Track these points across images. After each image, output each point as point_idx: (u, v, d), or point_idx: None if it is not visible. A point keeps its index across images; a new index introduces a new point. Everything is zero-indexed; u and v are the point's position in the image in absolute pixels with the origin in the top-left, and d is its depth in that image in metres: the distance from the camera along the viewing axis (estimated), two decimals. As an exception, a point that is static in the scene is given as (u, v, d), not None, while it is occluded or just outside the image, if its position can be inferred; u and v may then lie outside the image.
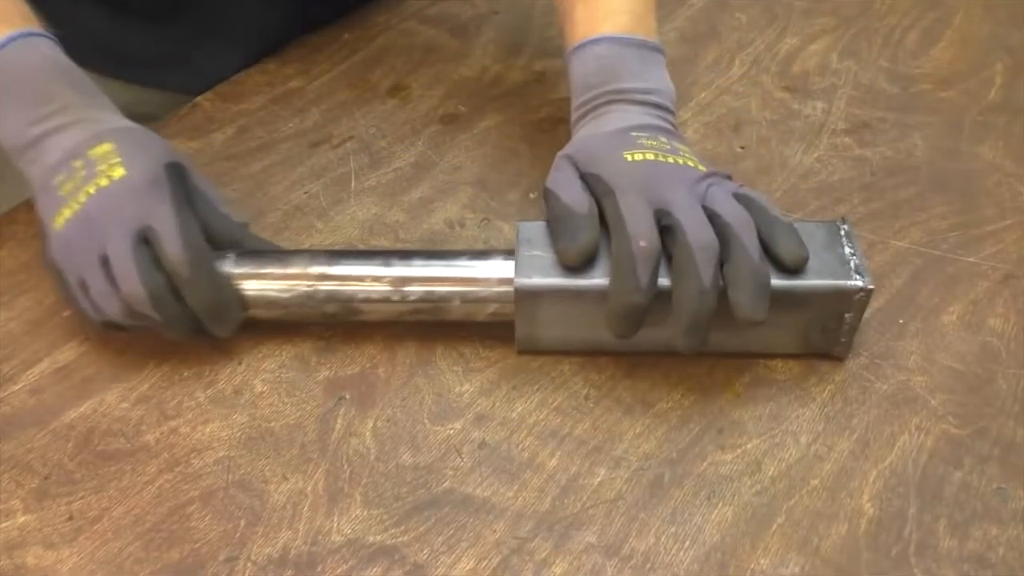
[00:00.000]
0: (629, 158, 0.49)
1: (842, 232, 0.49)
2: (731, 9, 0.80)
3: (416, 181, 0.63)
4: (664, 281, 0.46)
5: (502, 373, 0.51)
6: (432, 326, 0.52)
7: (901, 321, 0.53)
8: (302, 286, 0.50)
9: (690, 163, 0.50)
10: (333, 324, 0.53)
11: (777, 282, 0.46)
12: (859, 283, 0.47)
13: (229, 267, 0.50)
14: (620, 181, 0.48)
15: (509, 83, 0.72)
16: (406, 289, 0.50)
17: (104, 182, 0.48)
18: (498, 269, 0.49)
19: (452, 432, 0.48)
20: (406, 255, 0.51)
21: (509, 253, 0.50)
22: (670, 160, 0.49)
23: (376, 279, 0.49)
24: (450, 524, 0.44)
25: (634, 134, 0.51)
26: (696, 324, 0.45)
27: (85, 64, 0.54)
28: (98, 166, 0.49)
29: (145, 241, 0.48)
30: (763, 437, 0.47)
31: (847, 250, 0.48)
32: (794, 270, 0.47)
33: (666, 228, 0.46)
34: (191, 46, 0.73)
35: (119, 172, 0.49)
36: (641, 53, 0.56)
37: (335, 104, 0.70)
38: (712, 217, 0.46)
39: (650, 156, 0.49)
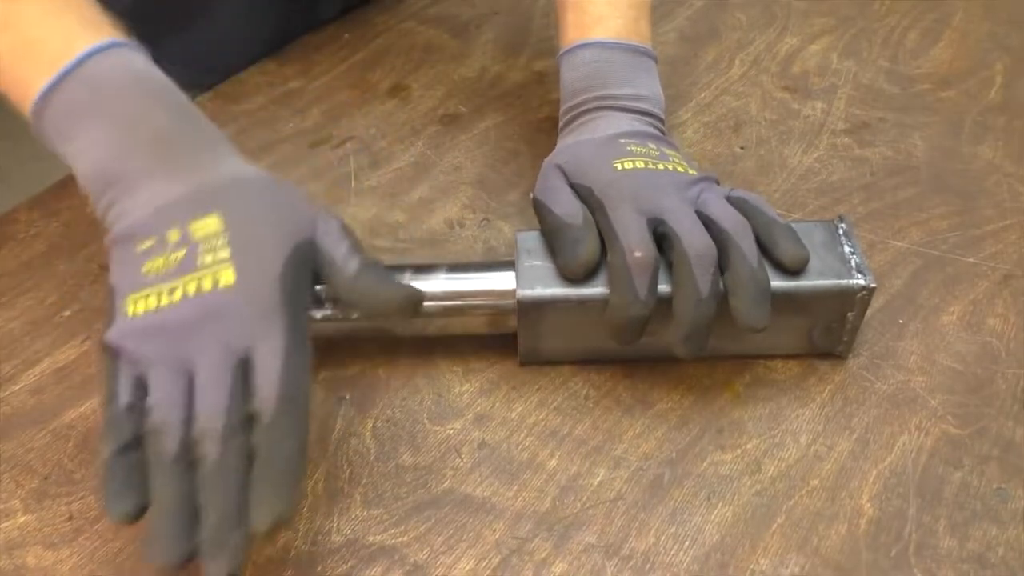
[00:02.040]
0: (619, 167, 0.49)
1: (840, 231, 0.49)
2: (731, 9, 0.80)
3: (416, 181, 0.63)
4: (665, 288, 0.46)
5: (502, 373, 0.51)
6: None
7: (901, 321, 0.53)
8: None
9: (680, 168, 0.49)
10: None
11: (779, 284, 0.46)
12: (861, 282, 0.47)
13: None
14: (610, 192, 0.48)
15: (509, 83, 0.72)
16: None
17: (207, 285, 0.39)
18: (499, 281, 0.48)
19: (452, 432, 0.48)
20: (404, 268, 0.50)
21: (508, 264, 0.49)
22: (660, 167, 0.49)
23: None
24: (450, 524, 0.44)
25: (623, 141, 0.51)
26: (695, 332, 0.44)
27: None
28: (201, 255, 0.40)
29: (242, 364, 0.38)
30: (763, 437, 0.47)
31: (847, 249, 0.48)
32: (795, 271, 0.47)
33: (663, 236, 0.46)
34: (192, 45, 0.73)
35: (227, 278, 0.39)
36: (631, 59, 0.55)
37: (335, 104, 0.70)
38: (707, 223, 0.46)
39: (640, 164, 0.49)
